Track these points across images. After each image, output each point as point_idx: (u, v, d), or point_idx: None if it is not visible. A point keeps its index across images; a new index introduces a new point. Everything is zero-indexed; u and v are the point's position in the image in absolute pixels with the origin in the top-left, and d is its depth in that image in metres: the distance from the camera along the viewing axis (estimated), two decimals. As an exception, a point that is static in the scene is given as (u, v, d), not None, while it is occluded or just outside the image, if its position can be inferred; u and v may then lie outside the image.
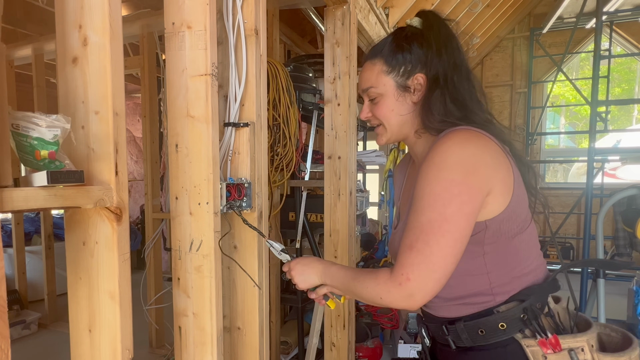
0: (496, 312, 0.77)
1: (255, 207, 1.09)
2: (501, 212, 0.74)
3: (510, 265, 0.78)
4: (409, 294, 0.70)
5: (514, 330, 0.76)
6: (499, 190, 0.73)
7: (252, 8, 1.06)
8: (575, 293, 3.29)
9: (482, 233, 0.75)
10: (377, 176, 4.65)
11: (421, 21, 0.84)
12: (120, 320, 0.72)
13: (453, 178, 0.70)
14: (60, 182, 0.61)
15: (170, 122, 0.98)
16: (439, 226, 0.69)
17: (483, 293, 0.79)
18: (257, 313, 1.10)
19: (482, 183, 0.71)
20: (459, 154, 0.71)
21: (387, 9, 2.66)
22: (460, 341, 0.81)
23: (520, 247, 0.79)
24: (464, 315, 0.80)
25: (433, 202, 0.70)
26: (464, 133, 0.75)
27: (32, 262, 3.71)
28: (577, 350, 0.72)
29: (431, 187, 0.71)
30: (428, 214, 0.70)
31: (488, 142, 0.75)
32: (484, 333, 0.78)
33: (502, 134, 0.81)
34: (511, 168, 0.76)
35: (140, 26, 2.61)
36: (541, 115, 5.26)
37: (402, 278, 0.70)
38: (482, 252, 0.77)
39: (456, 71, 0.80)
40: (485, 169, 0.72)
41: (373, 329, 2.63)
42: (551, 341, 0.73)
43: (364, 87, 0.88)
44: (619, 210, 2.37)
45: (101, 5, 0.70)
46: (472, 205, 0.70)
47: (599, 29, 2.99)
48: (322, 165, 2.06)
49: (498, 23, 4.89)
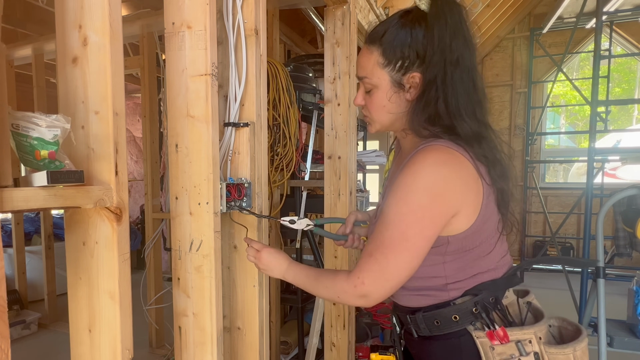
0: (452, 304, 0.81)
1: (255, 207, 1.09)
2: (464, 230, 0.76)
3: (469, 270, 0.81)
4: (363, 294, 0.76)
5: (466, 322, 0.80)
6: (465, 213, 0.75)
7: (252, 8, 1.06)
8: (575, 293, 3.29)
9: (444, 247, 0.78)
10: (377, 176, 4.65)
11: (429, 5, 0.76)
12: (120, 320, 0.72)
13: (420, 202, 0.72)
14: (60, 182, 0.61)
15: (170, 122, 0.98)
16: (398, 243, 0.73)
17: (438, 289, 0.82)
18: (257, 313, 1.10)
19: (447, 207, 0.74)
20: (430, 177, 0.73)
21: (387, 8, 2.66)
22: (420, 330, 0.85)
23: (481, 257, 0.81)
24: (423, 306, 0.84)
25: (398, 222, 0.74)
26: (440, 154, 0.74)
27: (32, 262, 3.71)
28: (524, 342, 0.76)
29: (399, 207, 0.74)
30: (391, 230, 0.74)
31: (462, 165, 0.74)
32: (439, 324, 0.82)
33: (486, 152, 0.77)
34: (482, 190, 0.76)
35: (140, 26, 2.61)
36: (541, 115, 5.26)
37: (357, 281, 0.76)
38: (442, 261, 0.81)
39: (457, 69, 0.75)
40: (452, 194, 0.73)
41: (373, 329, 2.63)
42: (498, 333, 0.76)
43: (360, 75, 0.85)
44: (619, 210, 2.37)
45: (101, 5, 0.70)
46: (434, 229, 0.74)
47: (599, 29, 2.99)
48: (322, 165, 2.06)
49: (498, 23, 4.89)
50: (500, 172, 0.79)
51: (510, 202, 0.81)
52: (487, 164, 0.77)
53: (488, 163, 0.77)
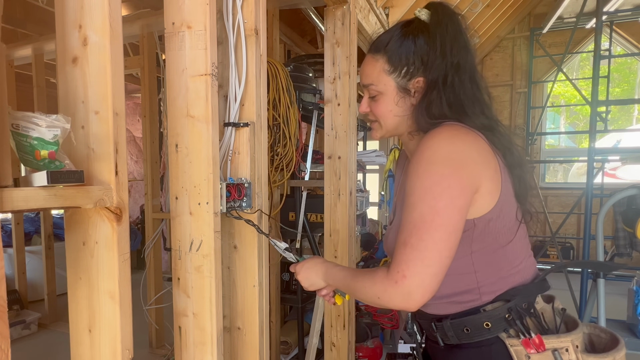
0: (482, 311, 0.78)
1: (255, 207, 1.09)
2: (489, 210, 0.74)
3: (498, 265, 0.79)
4: (407, 292, 0.68)
5: (499, 330, 0.77)
6: (487, 188, 0.73)
7: (252, 8, 1.06)
8: (575, 293, 3.29)
9: (471, 231, 0.75)
10: (377, 176, 4.65)
11: (430, 15, 0.80)
12: (120, 320, 0.72)
13: (443, 172, 0.69)
14: (60, 182, 0.61)
15: (170, 122, 0.98)
16: (431, 220, 0.68)
17: (470, 292, 0.79)
18: (257, 313, 1.10)
19: (470, 178, 0.71)
20: (447, 148, 0.71)
21: (387, 8, 2.66)
22: (447, 338, 0.82)
23: (509, 247, 0.79)
24: (451, 313, 0.81)
25: (424, 196, 0.69)
26: (452, 128, 0.75)
27: (32, 262, 3.71)
28: (561, 351, 0.73)
29: (421, 181, 0.70)
30: (420, 208, 0.69)
31: (476, 138, 0.75)
32: (469, 331, 0.78)
33: (501, 140, 0.78)
34: (499, 168, 0.75)
35: (140, 26, 2.61)
36: (541, 115, 5.26)
37: (397, 275, 0.69)
38: (470, 251, 0.77)
39: (458, 72, 0.78)
40: (473, 164, 0.72)
41: (373, 329, 2.63)
42: (534, 341, 0.73)
43: (365, 83, 0.87)
44: (619, 210, 2.37)
45: (101, 5, 0.69)
46: (463, 198, 0.70)
47: (599, 29, 2.99)
48: (322, 165, 2.06)
49: (498, 23, 4.89)
50: (517, 160, 0.79)
51: (528, 191, 0.80)
52: (502, 149, 0.77)
53: (504, 149, 0.77)
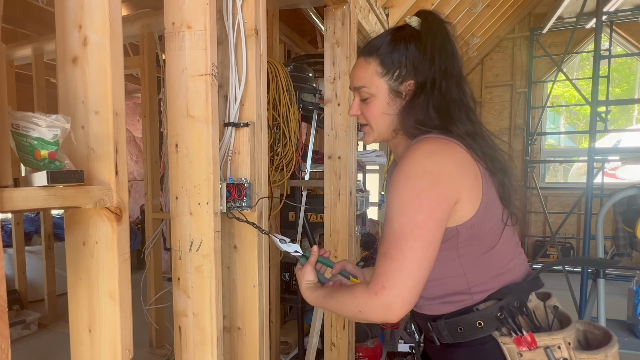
0: (475, 310, 0.79)
1: (255, 207, 1.09)
2: (471, 217, 0.76)
3: (487, 266, 0.80)
4: (386, 303, 0.69)
5: (491, 328, 0.78)
6: (467, 197, 0.75)
7: (252, 8, 1.06)
8: (575, 293, 3.29)
9: (455, 238, 0.77)
10: (377, 176, 4.65)
11: (420, 22, 0.83)
12: (120, 320, 0.72)
13: (421, 186, 0.71)
14: (60, 182, 0.61)
15: (170, 122, 0.98)
16: (410, 231, 0.70)
17: (462, 292, 0.81)
18: (257, 313, 1.10)
19: (448, 191, 0.73)
20: (424, 163, 0.73)
21: (387, 8, 2.66)
22: (442, 338, 0.84)
23: (496, 248, 0.80)
24: (445, 313, 0.82)
25: (404, 209, 0.72)
26: (431, 143, 0.76)
27: (32, 262, 3.71)
28: (553, 348, 0.74)
29: (400, 194, 0.73)
30: (399, 220, 0.71)
31: (455, 151, 0.76)
32: (462, 330, 0.80)
33: (483, 147, 0.79)
34: (480, 175, 0.77)
35: (140, 26, 2.61)
36: (541, 115, 5.26)
37: (377, 287, 0.70)
38: (457, 255, 0.79)
39: (445, 77, 0.80)
40: (450, 178, 0.73)
41: (373, 329, 2.63)
42: (526, 339, 0.74)
43: (356, 85, 0.88)
44: (619, 210, 2.37)
45: (101, 5, 0.69)
46: (441, 211, 0.72)
47: (599, 29, 2.99)
48: (322, 165, 2.06)
49: (498, 23, 4.89)
50: (499, 166, 0.80)
51: (512, 195, 0.81)
52: (484, 157, 0.78)
53: (485, 157, 0.79)
